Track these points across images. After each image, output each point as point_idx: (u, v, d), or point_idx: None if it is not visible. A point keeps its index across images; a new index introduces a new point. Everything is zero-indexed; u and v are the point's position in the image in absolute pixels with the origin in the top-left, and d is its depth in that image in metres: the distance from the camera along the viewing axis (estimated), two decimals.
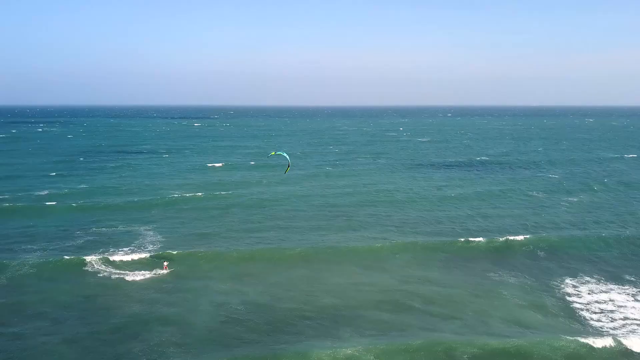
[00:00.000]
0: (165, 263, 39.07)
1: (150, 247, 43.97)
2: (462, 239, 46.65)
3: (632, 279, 38.00)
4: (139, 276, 37.28)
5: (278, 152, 42.71)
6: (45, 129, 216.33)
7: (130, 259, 40.44)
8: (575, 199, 65.93)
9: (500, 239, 46.33)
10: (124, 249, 43.31)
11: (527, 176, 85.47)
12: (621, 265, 41.03)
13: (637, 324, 30.41)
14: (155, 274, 37.85)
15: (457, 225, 53.00)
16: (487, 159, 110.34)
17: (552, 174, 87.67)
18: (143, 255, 41.23)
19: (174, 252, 41.69)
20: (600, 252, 44.19)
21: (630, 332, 29.34)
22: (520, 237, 46.69)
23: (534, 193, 69.82)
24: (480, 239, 46.54)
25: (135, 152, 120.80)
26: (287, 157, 41.51)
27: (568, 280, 37.66)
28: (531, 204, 63.03)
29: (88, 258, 39.97)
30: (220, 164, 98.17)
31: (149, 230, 49.34)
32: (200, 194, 66.59)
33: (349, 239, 47.26)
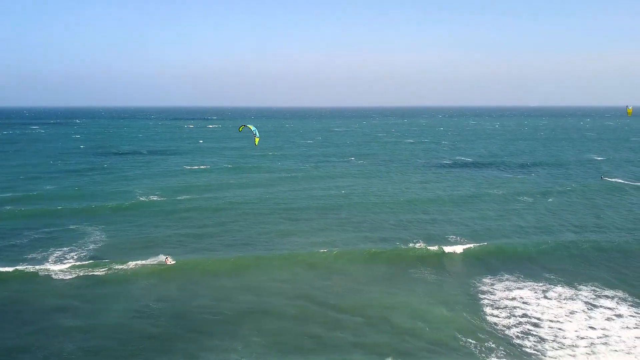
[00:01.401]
0: (167, 257, 40.01)
1: (88, 250, 43.39)
2: (413, 245, 45.52)
3: (552, 276, 38.09)
4: (67, 279, 37.08)
5: (248, 126, 42.61)
6: (37, 130, 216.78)
7: (58, 268, 39.17)
8: (545, 202, 64.83)
9: (452, 245, 45.26)
10: (57, 253, 42.58)
11: (505, 179, 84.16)
12: (556, 269, 40.20)
13: (533, 324, 30.22)
14: (81, 275, 37.68)
15: (418, 230, 51.63)
16: (471, 160, 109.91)
17: (530, 176, 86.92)
18: (69, 263, 40.05)
19: (105, 261, 40.65)
20: (544, 255, 43.24)
21: (522, 332, 29.21)
22: (472, 244, 45.62)
23: (507, 196, 68.67)
24: (434, 246, 44.89)
25: (117, 154, 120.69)
26: (256, 131, 41.96)
27: (488, 280, 37.40)
28: (499, 208, 61.85)
29: (16, 266, 39.22)
30: (197, 166, 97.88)
31: (95, 235, 48.45)
32: (165, 197, 66.09)
33: (297, 245, 46.23)
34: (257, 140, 41.97)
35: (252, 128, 41.05)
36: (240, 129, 43.81)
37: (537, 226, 53.04)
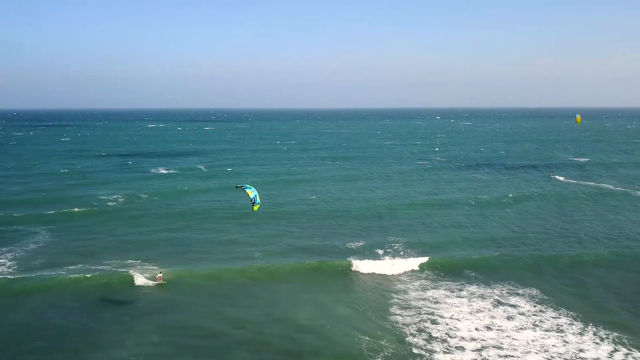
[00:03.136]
0: (159, 275, 37.74)
1: (20, 258, 42.61)
2: (351, 251, 44.13)
3: (472, 274, 37.75)
4: None
5: (245, 187, 33.89)
6: (27, 132, 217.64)
7: None
8: (517, 210, 62.04)
9: (390, 252, 43.80)
10: None
11: (484, 181, 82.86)
12: (479, 269, 39.56)
13: (432, 321, 30.29)
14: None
15: (370, 236, 49.52)
16: (457, 163, 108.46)
17: (510, 177, 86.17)
18: None
19: (33, 268, 39.86)
20: (475, 259, 42.11)
21: (417, 331, 29.22)
22: (414, 251, 44.41)
23: (477, 201, 66.48)
24: (372, 253, 43.25)
25: (98, 157, 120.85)
26: (254, 193, 32.65)
27: (406, 279, 36.93)
28: (467, 216, 59.23)
29: None
30: (172, 170, 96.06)
31: (37, 240, 47.82)
32: (125, 203, 64.60)
33: (237, 254, 44.14)
34: (255, 207, 33.14)
35: (252, 195, 32.16)
36: (237, 187, 35.78)
37: (479, 231, 51.91)
